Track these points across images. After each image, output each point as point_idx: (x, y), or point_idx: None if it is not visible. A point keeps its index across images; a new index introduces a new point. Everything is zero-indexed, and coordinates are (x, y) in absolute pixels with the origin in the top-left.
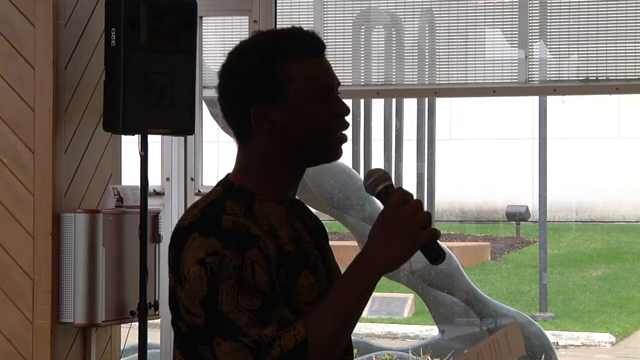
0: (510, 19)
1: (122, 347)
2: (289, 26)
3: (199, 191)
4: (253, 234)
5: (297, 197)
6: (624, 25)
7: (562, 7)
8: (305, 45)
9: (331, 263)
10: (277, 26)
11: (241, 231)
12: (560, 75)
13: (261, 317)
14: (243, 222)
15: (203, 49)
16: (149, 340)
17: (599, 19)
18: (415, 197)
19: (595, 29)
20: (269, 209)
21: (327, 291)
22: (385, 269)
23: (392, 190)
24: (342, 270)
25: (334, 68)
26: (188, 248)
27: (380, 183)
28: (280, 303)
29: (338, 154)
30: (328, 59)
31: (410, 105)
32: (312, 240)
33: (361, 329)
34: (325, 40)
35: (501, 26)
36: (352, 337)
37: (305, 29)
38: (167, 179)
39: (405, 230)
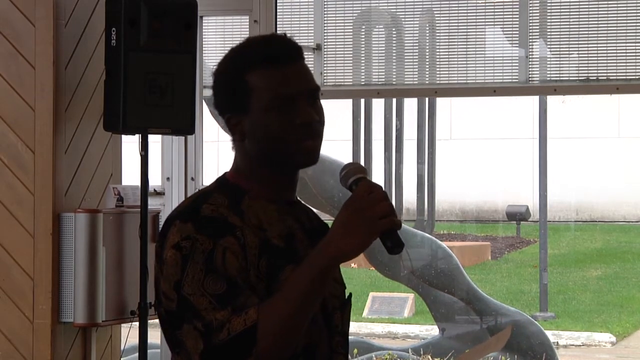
0: (511, 19)
1: (122, 347)
2: (270, 33)
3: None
4: (231, 223)
5: (298, 198)
6: (624, 25)
7: (562, 7)
8: (268, 54)
9: None
10: (278, 26)
11: (218, 219)
12: (561, 75)
13: (223, 302)
14: (222, 212)
15: (203, 49)
16: (149, 340)
17: (599, 19)
18: (381, 190)
19: (595, 29)
20: (260, 206)
21: None
22: (339, 258)
23: (360, 183)
24: (340, 271)
25: (334, 68)
26: (169, 235)
27: (352, 176)
28: (249, 291)
29: (306, 161)
30: (328, 59)
31: (410, 105)
32: (306, 239)
33: (361, 328)
34: (325, 40)
35: (501, 26)
36: (352, 337)
37: (280, 35)
38: (168, 178)
39: (362, 220)
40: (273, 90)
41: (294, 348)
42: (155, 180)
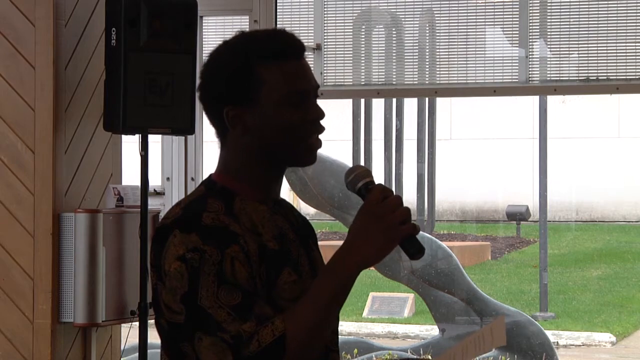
0: (511, 19)
1: (122, 347)
2: (271, 28)
3: None
4: (233, 230)
5: (296, 196)
6: (624, 25)
7: (562, 7)
8: (280, 48)
9: (318, 263)
10: (278, 26)
11: (221, 228)
12: (561, 75)
13: (241, 312)
14: (223, 220)
15: (203, 49)
16: (149, 340)
17: (599, 19)
18: (395, 194)
19: (595, 29)
20: (251, 207)
21: None
22: (362, 265)
23: (371, 187)
24: None
25: (334, 68)
26: (169, 245)
27: (361, 180)
28: (261, 299)
29: (310, 159)
30: (328, 59)
31: (410, 105)
32: (297, 238)
33: (362, 328)
34: (325, 40)
35: (501, 26)
36: (352, 337)
37: (286, 30)
38: (168, 178)
39: (383, 226)
40: (290, 85)
41: (315, 354)
42: (155, 180)
